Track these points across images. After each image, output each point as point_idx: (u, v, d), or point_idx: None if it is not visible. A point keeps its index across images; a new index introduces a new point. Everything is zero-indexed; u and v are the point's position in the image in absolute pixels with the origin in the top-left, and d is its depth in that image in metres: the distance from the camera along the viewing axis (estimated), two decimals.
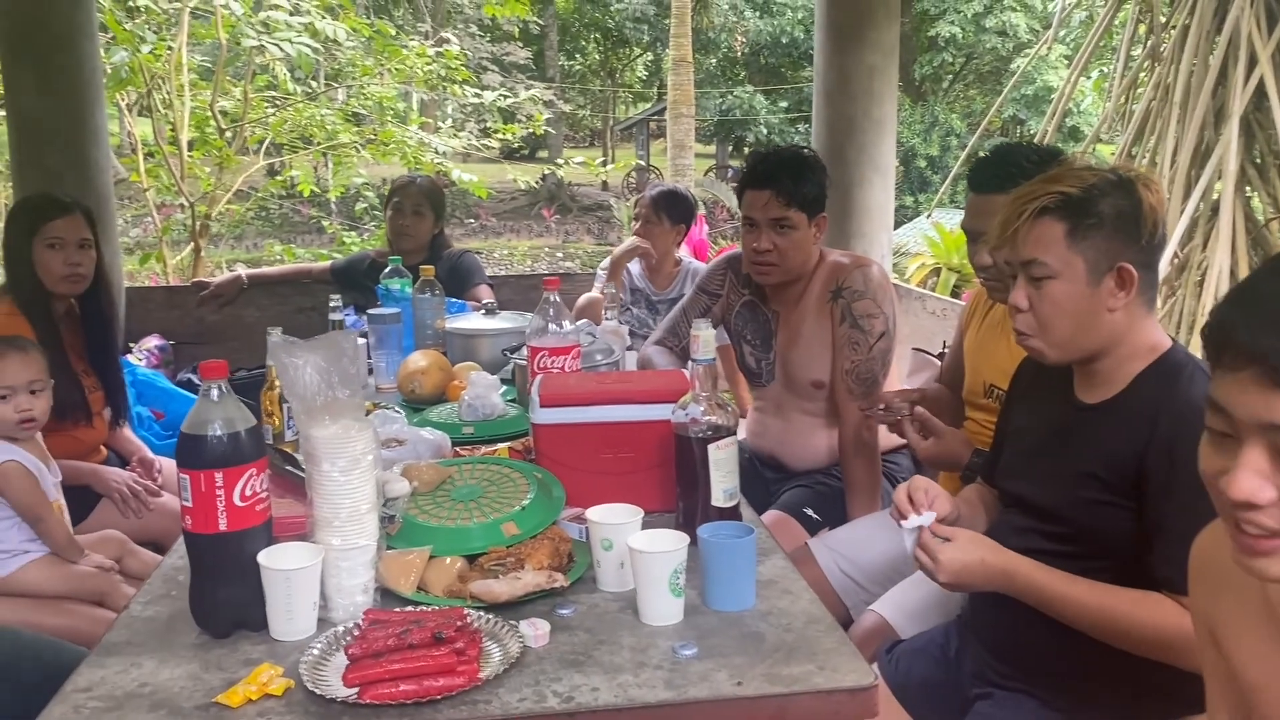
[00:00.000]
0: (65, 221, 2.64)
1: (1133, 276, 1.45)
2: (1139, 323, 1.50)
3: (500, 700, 1.19)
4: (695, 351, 1.61)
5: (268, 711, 1.17)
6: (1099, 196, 1.45)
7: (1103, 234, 1.45)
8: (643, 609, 1.38)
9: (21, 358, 2.24)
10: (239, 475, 1.32)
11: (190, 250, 6.69)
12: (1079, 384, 1.58)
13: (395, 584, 1.43)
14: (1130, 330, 1.49)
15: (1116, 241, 1.45)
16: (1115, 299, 1.46)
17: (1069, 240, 1.46)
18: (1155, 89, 6.20)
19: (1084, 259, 1.46)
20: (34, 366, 2.25)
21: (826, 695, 1.21)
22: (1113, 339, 1.49)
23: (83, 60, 3.54)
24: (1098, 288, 1.46)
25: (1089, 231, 1.45)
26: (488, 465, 1.73)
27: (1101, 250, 1.45)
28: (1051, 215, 1.47)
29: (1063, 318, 1.48)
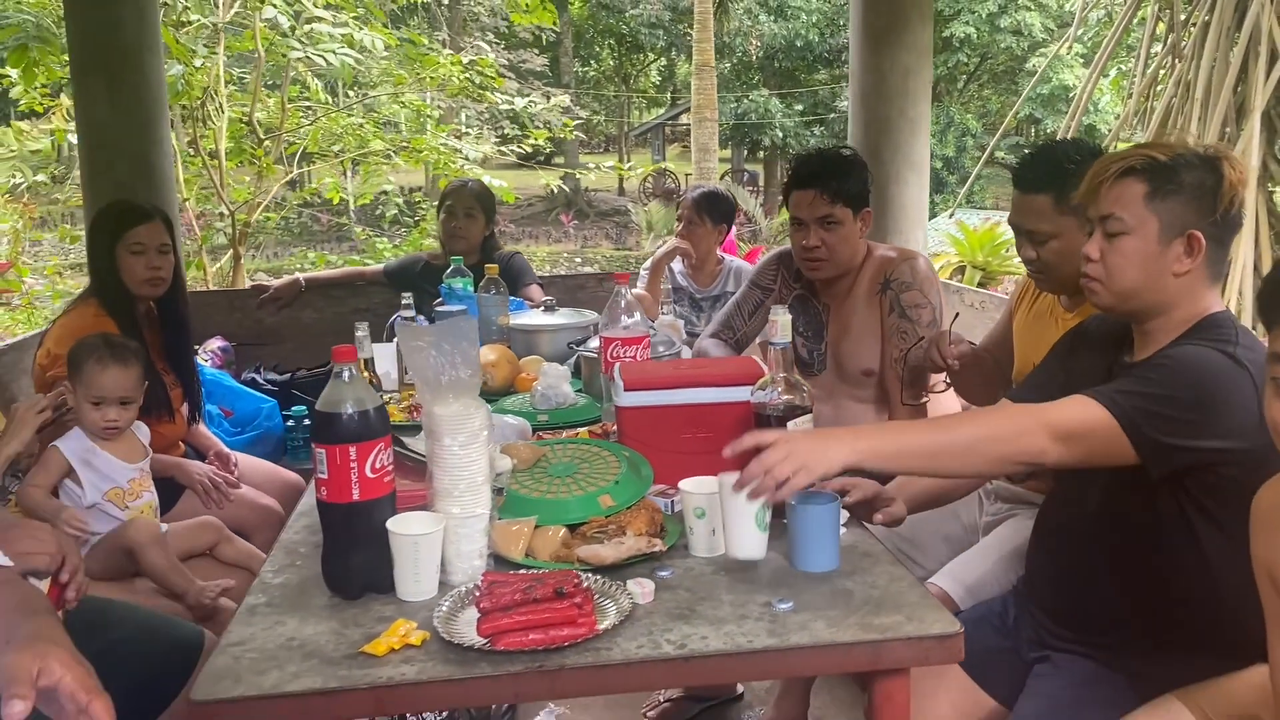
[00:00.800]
0: (147, 228, 2.77)
1: (1201, 244, 1.56)
2: (1199, 290, 1.61)
3: (620, 647, 1.31)
4: (773, 335, 1.73)
5: (411, 659, 1.30)
6: (1183, 166, 1.57)
7: (1180, 200, 1.56)
8: (731, 543, 1.50)
9: (121, 371, 2.34)
10: (370, 449, 1.44)
11: (230, 257, 6.86)
12: (1138, 347, 1.69)
13: (506, 550, 1.56)
14: (1189, 296, 1.60)
15: (1191, 209, 1.56)
16: (1181, 263, 1.58)
17: (1147, 200, 1.57)
18: (1176, 86, 6.29)
19: (1159, 220, 1.57)
20: (130, 381, 2.36)
21: (916, 641, 1.33)
22: (1172, 300, 1.61)
23: (148, 74, 3.70)
24: (1167, 249, 1.57)
25: (1167, 195, 1.57)
26: (578, 445, 1.86)
27: (1176, 215, 1.56)
28: (1135, 176, 1.58)
29: (1129, 269, 1.59)
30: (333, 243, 15.20)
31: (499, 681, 1.26)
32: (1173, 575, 1.61)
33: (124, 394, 2.35)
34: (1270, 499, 1.27)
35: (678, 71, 29.06)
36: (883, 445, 1.50)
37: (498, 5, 20.29)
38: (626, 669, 1.28)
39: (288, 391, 3.58)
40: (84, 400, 2.33)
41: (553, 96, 9.62)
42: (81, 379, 2.33)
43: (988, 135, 20.26)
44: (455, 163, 7.36)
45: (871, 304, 2.55)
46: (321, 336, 3.93)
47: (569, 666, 1.27)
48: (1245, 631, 1.38)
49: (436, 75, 7.01)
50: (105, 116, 3.64)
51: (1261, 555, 1.28)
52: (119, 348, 2.38)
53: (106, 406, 2.33)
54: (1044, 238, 2.05)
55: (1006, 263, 8.11)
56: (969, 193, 10.65)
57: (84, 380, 2.32)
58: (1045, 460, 1.52)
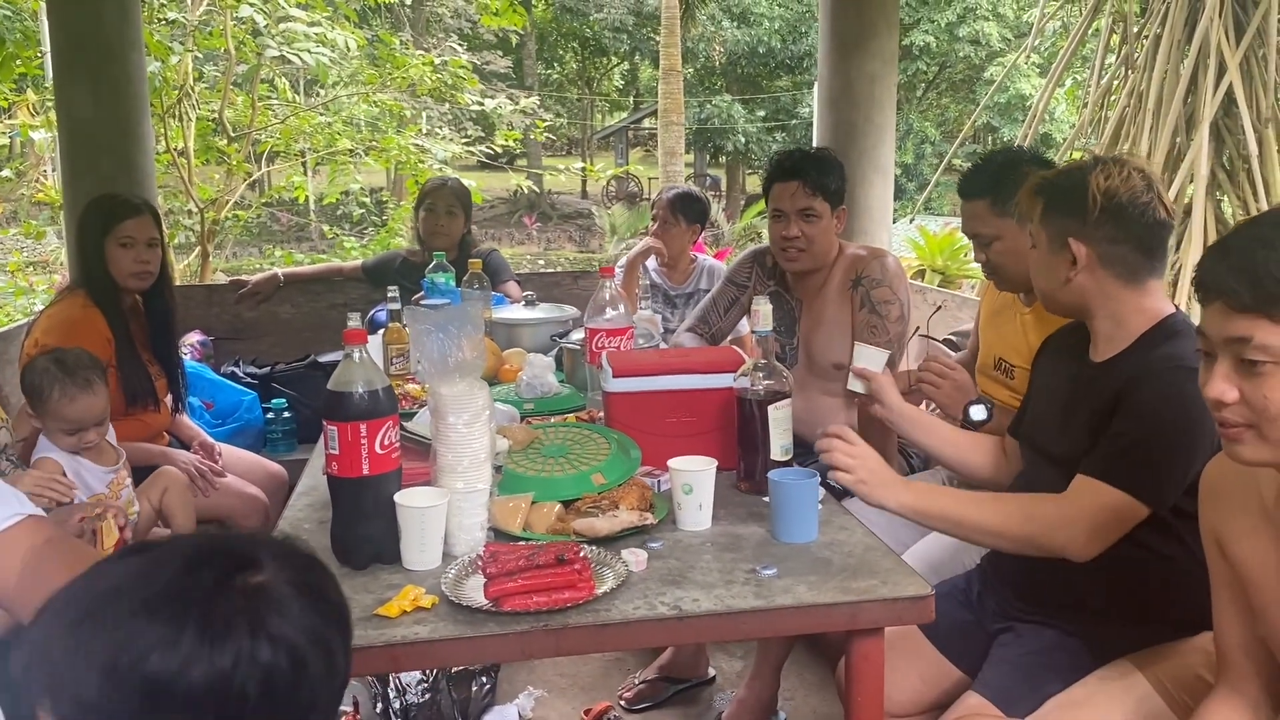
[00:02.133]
0: (136, 222, 2.82)
1: (1077, 252, 1.70)
2: (1120, 292, 1.72)
3: (618, 609, 1.41)
4: (756, 324, 1.84)
5: (423, 620, 1.39)
6: (1062, 180, 1.74)
7: (1058, 211, 1.73)
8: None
9: (89, 397, 2.34)
10: (379, 427, 1.52)
11: (197, 255, 6.86)
12: (1092, 346, 1.82)
13: (505, 524, 1.65)
14: (1109, 298, 1.73)
15: (1067, 218, 1.71)
16: (1070, 270, 1.72)
17: (1041, 217, 1.75)
18: (1129, 96, 6.51)
19: (1045, 232, 1.75)
20: (100, 403, 2.37)
21: (891, 603, 1.44)
22: (1085, 304, 1.75)
23: (131, 71, 3.74)
24: (1057, 257, 1.73)
25: (1050, 210, 1.74)
26: (569, 428, 1.96)
27: (1056, 226, 1.72)
28: (1038, 196, 1.77)
29: (1036, 278, 1.81)
30: (293, 243, 15.14)
31: (507, 639, 1.35)
32: (1132, 553, 1.72)
33: (96, 417, 2.37)
34: (1217, 471, 1.39)
35: (640, 76, 29.20)
36: (926, 506, 1.72)
37: (461, 6, 20.29)
38: (625, 627, 1.37)
39: (267, 385, 3.63)
40: (56, 431, 2.34)
41: (519, 99, 9.70)
42: (49, 412, 2.32)
43: (946, 143, 20.64)
44: (424, 163, 7.41)
45: (843, 300, 2.67)
46: (299, 331, 3.99)
47: (572, 625, 1.37)
48: (1198, 605, 1.50)
49: (408, 75, 7.06)
50: (88, 113, 3.67)
51: (1210, 524, 1.40)
52: (77, 372, 2.35)
53: (85, 432, 2.35)
54: (988, 239, 2.20)
55: (965, 266, 8.32)
56: (927, 199, 10.86)
57: (52, 413, 2.32)
58: (1068, 555, 1.66)
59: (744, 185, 25.57)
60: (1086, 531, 1.63)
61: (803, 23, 21.72)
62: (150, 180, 3.93)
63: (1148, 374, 1.65)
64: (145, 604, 0.65)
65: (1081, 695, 1.68)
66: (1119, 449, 1.64)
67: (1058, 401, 1.84)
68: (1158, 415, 1.61)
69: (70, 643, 0.64)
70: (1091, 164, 1.73)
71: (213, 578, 0.67)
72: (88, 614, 0.65)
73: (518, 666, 2.83)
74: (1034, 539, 1.68)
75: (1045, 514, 1.70)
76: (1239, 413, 1.20)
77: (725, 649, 2.96)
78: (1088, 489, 1.65)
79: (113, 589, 0.66)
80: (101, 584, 0.67)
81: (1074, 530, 1.64)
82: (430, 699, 2.52)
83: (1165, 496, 1.62)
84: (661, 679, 2.74)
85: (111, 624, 0.64)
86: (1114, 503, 1.63)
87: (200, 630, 0.65)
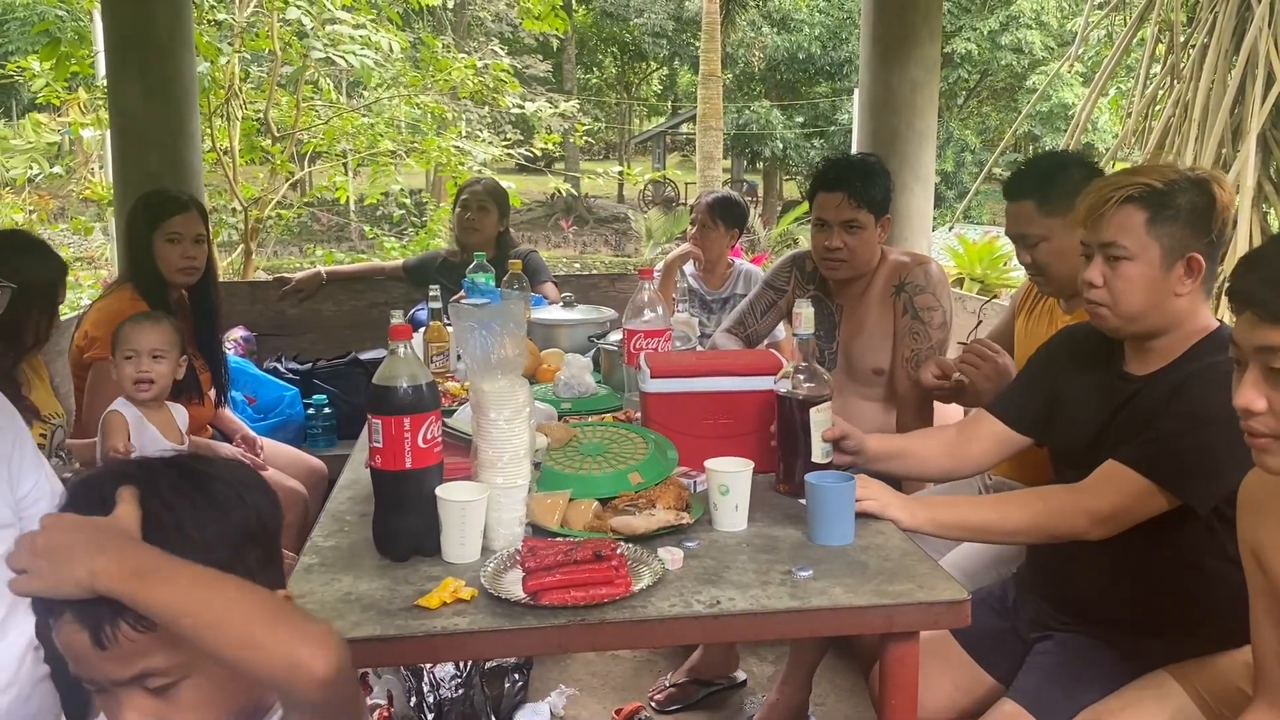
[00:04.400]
0: (183, 218, 2.88)
1: (1200, 265, 1.67)
2: (1197, 307, 1.72)
3: (654, 605, 1.42)
4: (798, 327, 1.85)
5: (462, 611, 1.41)
6: (1178, 191, 1.67)
7: (1178, 224, 1.66)
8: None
9: (152, 325, 2.48)
10: (423, 421, 1.55)
11: (240, 253, 6.96)
12: (1130, 357, 1.80)
13: (543, 520, 1.67)
14: (1189, 314, 1.71)
15: (1189, 232, 1.66)
16: (1183, 284, 1.68)
17: (1148, 227, 1.67)
18: (1174, 106, 6.42)
19: (1160, 245, 1.67)
20: (160, 336, 2.48)
21: (927, 606, 1.44)
22: (1175, 319, 1.71)
23: (181, 70, 3.82)
24: (1169, 272, 1.68)
25: (1167, 221, 1.67)
26: (607, 427, 1.97)
27: (1176, 239, 1.67)
28: (1134, 204, 1.68)
29: (1135, 294, 1.69)
30: (333, 242, 15.30)
31: (544, 633, 1.37)
32: (1174, 566, 1.72)
33: (154, 346, 2.46)
34: (1255, 482, 1.38)
35: (679, 81, 29.22)
36: (943, 516, 1.76)
37: (502, 10, 20.42)
38: (661, 624, 1.39)
39: (308, 381, 3.69)
40: (120, 359, 2.44)
41: (559, 103, 9.76)
42: (116, 340, 2.46)
43: (986, 151, 20.47)
44: (464, 164, 7.46)
45: (885, 306, 2.67)
46: (341, 328, 4.05)
47: (609, 621, 1.38)
48: (1239, 617, 1.49)
49: (450, 78, 7.12)
50: (139, 110, 3.75)
51: (1247, 535, 1.40)
52: (151, 313, 2.55)
53: (139, 359, 2.44)
54: (1034, 240, 2.18)
55: (1005, 275, 8.25)
56: (967, 208, 10.79)
57: (118, 340, 2.45)
58: (1081, 537, 1.69)
59: (781, 191, 25.51)
60: (1103, 515, 1.66)
61: (843, 29, 21.64)
62: (198, 178, 4.01)
63: (1200, 378, 1.64)
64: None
65: (1118, 705, 1.67)
66: (1156, 440, 1.64)
67: (1088, 413, 1.83)
68: (1204, 414, 1.60)
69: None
70: (1194, 175, 1.69)
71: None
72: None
73: (550, 665, 2.85)
74: (1051, 528, 1.71)
75: (1062, 503, 1.72)
76: (1267, 423, 1.21)
77: (756, 653, 2.96)
78: (1112, 473, 1.66)
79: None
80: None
81: (1091, 516, 1.66)
82: (464, 694, 2.55)
83: (1191, 490, 1.62)
84: (692, 681, 2.75)
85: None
86: (1138, 489, 1.63)
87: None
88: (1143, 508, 1.65)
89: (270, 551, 0.99)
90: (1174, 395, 1.66)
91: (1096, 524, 1.66)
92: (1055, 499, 1.74)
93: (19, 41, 16.87)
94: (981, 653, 1.93)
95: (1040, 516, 1.72)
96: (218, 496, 0.95)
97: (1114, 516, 1.66)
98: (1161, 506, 1.64)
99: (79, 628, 0.87)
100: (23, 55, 8.17)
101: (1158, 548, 1.71)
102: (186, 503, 0.93)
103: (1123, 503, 1.65)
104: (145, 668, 0.89)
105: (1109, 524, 1.66)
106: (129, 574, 0.84)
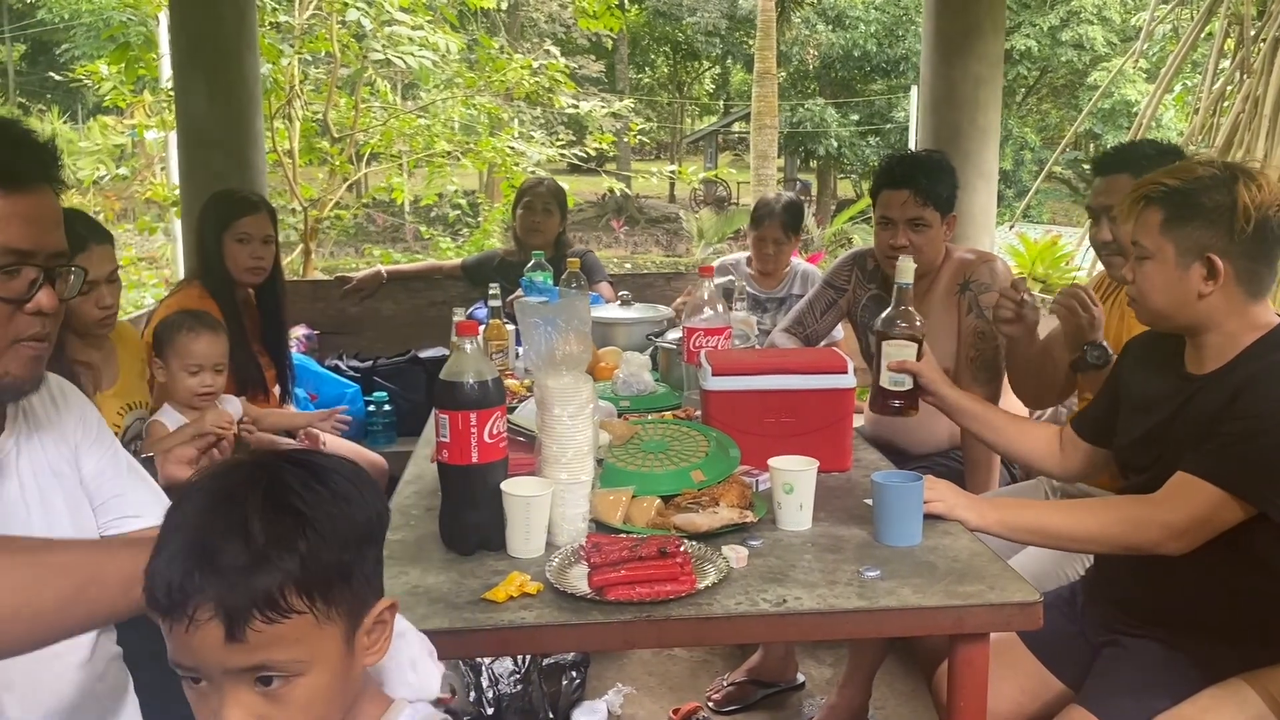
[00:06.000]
0: (253, 219, 2.92)
1: (1219, 267, 1.62)
2: (1243, 307, 1.66)
3: (720, 603, 1.41)
4: (899, 278, 2.00)
5: (529, 605, 1.41)
6: (1199, 191, 1.64)
7: (1195, 225, 1.63)
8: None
9: (213, 337, 2.49)
10: (489, 416, 1.56)
11: (300, 252, 7.07)
12: (1189, 357, 1.76)
13: (606, 516, 1.67)
14: (1233, 314, 1.66)
15: (1208, 233, 1.62)
16: (1205, 285, 1.64)
17: (1163, 227, 1.66)
18: (1244, 102, 6.26)
19: (1174, 246, 1.65)
20: (222, 348, 2.51)
21: (998, 608, 1.42)
22: (1211, 319, 1.67)
23: (246, 72, 3.89)
24: (1186, 273, 1.65)
25: (1182, 222, 1.64)
26: (669, 425, 1.97)
27: (1192, 239, 1.64)
28: (1155, 204, 1.67)
29: (1155, 294, 1.69)
30: (389, 243, 15.48)
31: (610, 628, 1.37)
32: (1248, 569, 1.67)
33: (217, 360, 2.49)
34: None
35: (732, 79, 29.13)
36: (1012, 519, 1.75)
37: (555, 11, 20.52)
38: (727, 622, 1.38)
39: (369, 378, 3.73)
40: (180, 370, 2.45)
41: (612, 103, 9.78)
42: (175, 350, 2.46)
43: (1046, 149, 20.14)
44: (519, 165, 7.51)
45: (949, 304, 2.63)
46: (400, 327, 4.09)
47: (674, 617, 1.38)
48: None
49: (505, 79, 7.17)
50: (204, 112, 3.83)
51: None
52: (205, 317, 2.53)
53: (204, 373, 2.46)
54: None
55: (1066, 275, 8.10)
56: (1027, 207, 10.61)
57: (177, 351, 2.45)
58: (1160, 552, 1.65)
59: (835, 190, 25.31)
60: (1179, 529, 1.61)
61: (900, 26, 21.42)
62: (262, 178, 4.08)
63: (1266, 375, 1.61)
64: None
65: (1192, 713, 1.63)
66: (1223, 446, 1.60)
67: (1153, 417, 1.79)
68: (1270, 416, 1.57)
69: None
70: (1225, 173, 1.65)
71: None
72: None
73: (607, 663, 2.85)
74: (1125, 539, 1.67)
75: (1137, 514, 1.68)
76: None
77: (815, 655, 2.94)
78: (1185, 486, 1.62)
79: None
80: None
81: (1166, 529, 1.62)
82: (522, 690, 2.56)
83: (1268, 496, 1.57)
84: (750, 682, 2.74)
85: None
86: (1212, 500, 1.59)
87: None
88: (1220, 518, 1.60)
89: (380, 553, 1.00)
90: (1236, 397, 1.61)
91: (1172, 537, 1.62)
92: (1130, 509, 1.70)
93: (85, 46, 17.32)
94: (1050, 657, 1.90)
95: (1113, 526, 1.69)
96: (345, 495, 0.96)
97: (1190, 530, 1.61)
98: (1239, 515, 1.59)
99: (215, 617, 0.87)
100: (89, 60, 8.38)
101: (1229, 552, 1.67)
102: (317, 499, 0.93)
103: (1197, 514, 1.60)
104: (267, 660, 0.89)
105: (1185, 538, 1.62)
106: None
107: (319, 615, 0.90)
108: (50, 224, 1.22)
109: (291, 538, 0.90)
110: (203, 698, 0.91)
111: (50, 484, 1.34)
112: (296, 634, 0.89)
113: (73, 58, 16.35)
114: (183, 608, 0.87)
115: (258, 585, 0.87)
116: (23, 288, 1.19)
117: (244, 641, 0.87)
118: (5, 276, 1.17)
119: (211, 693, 0.90)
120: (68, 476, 1.37)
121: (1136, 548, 1.66)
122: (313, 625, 0.90)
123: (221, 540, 0.88)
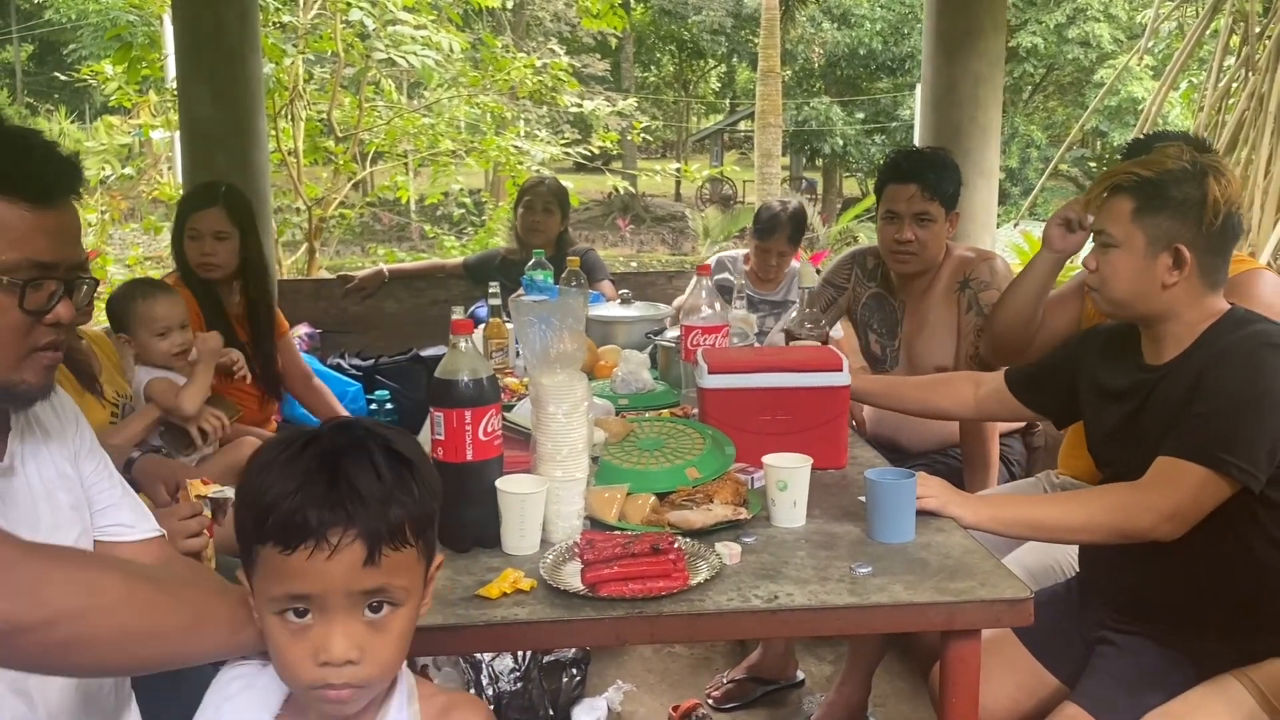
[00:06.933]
0: (202, 215, 2.87)
1: (1186, 258, 1.65)
2: (1201, 298, 1.70)
3: (712, 599, 1.42)
4: (805, 281, 2.00)
5: (522, 602, 1.42)
6: (1170, 183, 1.66)
7: (1165, 215, 1.66)
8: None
9: (168, 299, 2.52)
10: (483, 414, 1.57)
11: (304, 251, 7.09)
12: (1146, 349, 1.78)
13: (601, 514, 1.68)
14: (1192, 304, 1.69)
15: (1177, 224, 1.65)
16: (1170, 275, 1.67)
17: (1133, 216, 1.68)
18: (1249, 99, 6.24)
19: (1144, 234, 1.67)
20: (179, 307, 2.54)
21: (989, 604, 1.43)
22: (1171, 309, 1.70)
23: (249, 72, 3.91)
24: (1154, 262, 1.67)
25: (1154, 211, 1.66)
26: (665, 422, 1.98)
27: (1162, 229, 1.66)
28: (1124, 193, 1.70)
29: (1119, 282, 1.72)
30: (393, 242, 15.51)
31: (602, 624, 1.38)
32: (1237, 564, 1.68)
33: (181, 319, 2.51)
34: None
35: (737, 78, 29.11)
36: (1005, 514, 1.74)
37: (560, 10, 20.52)
38: (719, 618, 1.39)
39: (371, 377, 3.75)
40: (149, 337, 2.48)
41: (617, 102, 9.78)
42: (136, 319, 2.48)
43: (1052, 147, 20.07)
44: (523, 164, 7.51)
45: (949, 302, 2.64)
46: (403, 326, 4.11)
47: (666, 614, 1.39)
48: None
49: (509, 78, 7.18)
50: (207, 111, 3.85)
51: None
52: (154, 282, 2.57)
53: (171, 334, 2.49)
54: None
55: (1069, 273, 8.09)
56: (1032, 205, 10.58)
57: (140, 319, 2.48)
58: (1153, 538, 1.65)
59: (840, 188, 25.28)
60: (1168, 511, 1.62)
61: (905, 24, 21.38)
62: (264, 178, 4.10)
63: (1228, 354, 1.63)
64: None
65: (1183, 709, 1.64)
66: (1197, 425, 1.62)
67: (1122, 409, 1.80)
68: (1239, 390, 1.59)
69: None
70: (1195, 167, 1.67)
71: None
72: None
73: (607, 660, 2.86)
74: (1118, 526, 1.67)
75: (1126, 500, 1.68)
76: None
77: (815, 652, 2.95)
78: (1169, 468, 1.63)
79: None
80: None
81: (1156, 513, 1.62)
82: (522, 688, 2.57)
83: (1249, 470, 1.58)
84: (750, 679, 2.74)
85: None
86: (1196, 479, 1.60)
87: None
88: (1206, 496, 1.61)
89: (434, 535, 1.11)
90: (1201, 377, 1.64)
91: (1163, 520, 1.63)
92: (1119, 497, 1.71)
93: (92, 47, 17.38)
94: (1046, 653, 1.91)
95: (1104, 515, 1.69)
96: (425, 455, 1.10)
97: (1179, 512, 1.62)
98: (1225, 492, 1.61)
99: (358, 540, 1.00)
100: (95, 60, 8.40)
101: (1221, 540, 1.68)
102: (414, 454, 1.08)
103: (1184, 495, 1.61)
104: (388, 583, 1.02)
105: (1175, 520, 1.62)
106: None
107: (420, 552, 1.06)
108: (72, 237, 1.25)
109: (406, 481, 1.04)
110: (299, 633, 1.01)
111: (56, 483, 1.36)
112: (408, 564, 1.05)
113: (80, 58, 16.43)
114: (325, 534, 0.99)
115: (392, 516, 1.02)
116: (44, 299, 1.21)
117: (377, 565, 1.00)
118: (29, 289, 1.19)
119: (316, 624, 1.01)
120: (70, 477, 1.39)
121: (1129, 534, 1.66)
122: (415, 560, 1.06)
123: (362, 477, 1.01)
